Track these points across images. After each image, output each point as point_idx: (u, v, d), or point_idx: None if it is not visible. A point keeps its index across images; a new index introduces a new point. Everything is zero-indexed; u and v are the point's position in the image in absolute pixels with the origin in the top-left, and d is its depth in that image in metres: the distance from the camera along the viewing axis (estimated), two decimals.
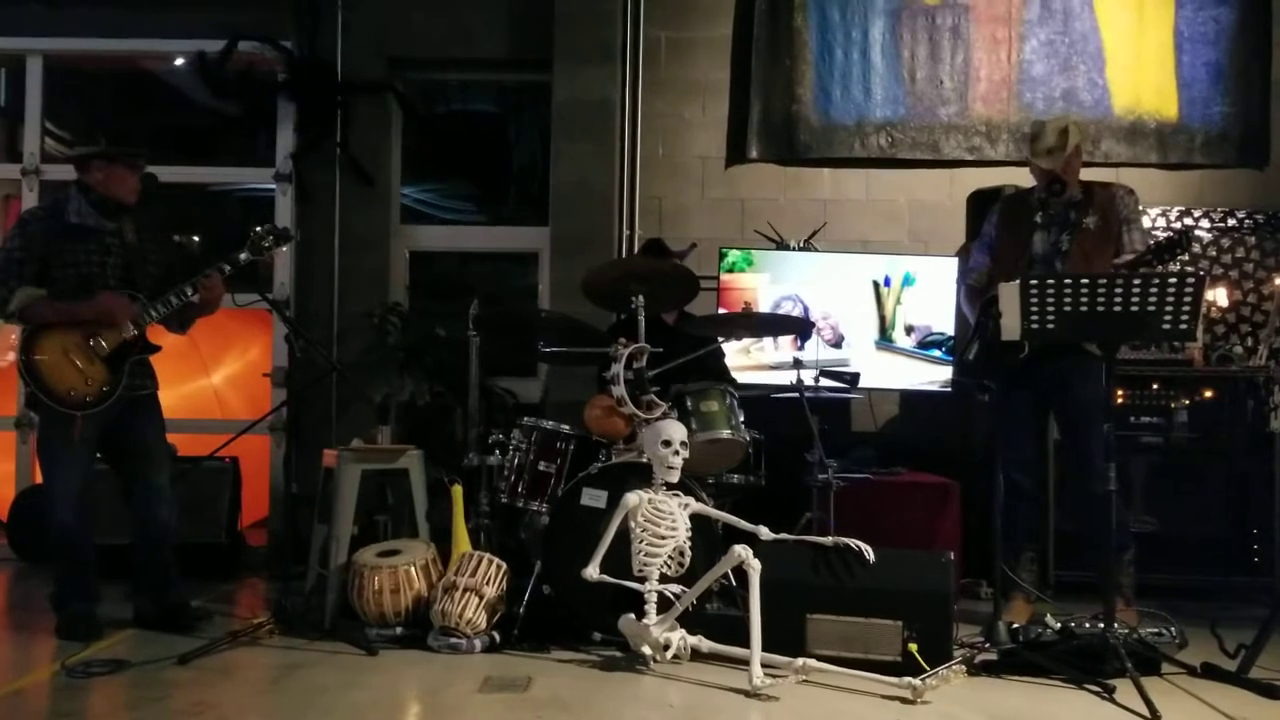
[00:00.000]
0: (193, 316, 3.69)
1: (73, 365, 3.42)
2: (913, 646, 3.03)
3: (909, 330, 4.74)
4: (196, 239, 5.27)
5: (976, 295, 3.85)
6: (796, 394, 3.90)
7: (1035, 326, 3.06)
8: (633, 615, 3.17)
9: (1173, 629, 3.36)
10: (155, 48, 5.55)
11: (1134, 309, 2.97)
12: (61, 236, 3.49)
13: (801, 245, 4.95)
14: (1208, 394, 4.38)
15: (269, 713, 2.76)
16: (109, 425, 3.54)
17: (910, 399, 5.09)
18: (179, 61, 5.51)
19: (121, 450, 3.64)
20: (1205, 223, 5.08)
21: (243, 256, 3.57)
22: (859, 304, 4.73)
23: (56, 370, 3.41)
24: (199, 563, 4.50)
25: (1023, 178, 4.49)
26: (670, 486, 3.28)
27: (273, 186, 5.38)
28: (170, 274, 3.66)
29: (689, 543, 3.22)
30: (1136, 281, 2.98)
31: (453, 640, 3.31)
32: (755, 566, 3.01)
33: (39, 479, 5.12)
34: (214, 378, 5.97)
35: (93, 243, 3.51)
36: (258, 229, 3.62)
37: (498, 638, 3.36)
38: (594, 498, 3.42)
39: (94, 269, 3.50)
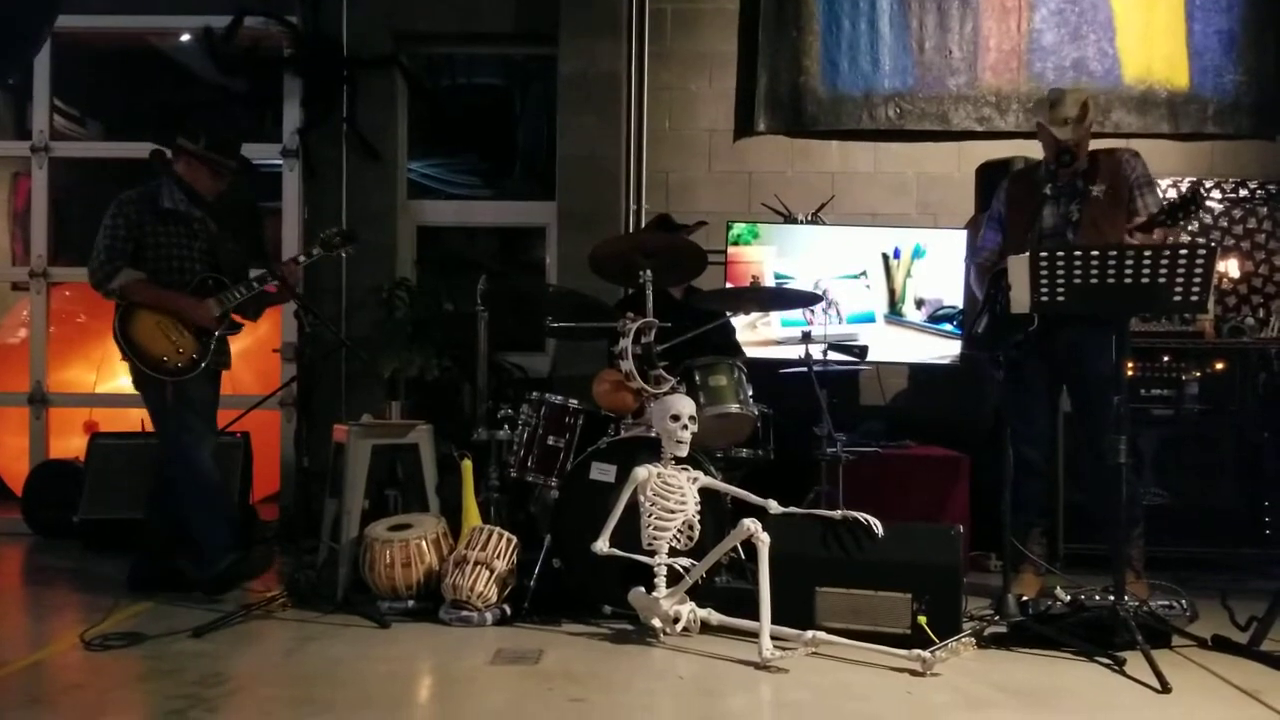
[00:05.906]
0: (265, 305, 4.01)
1: (165, 337, 3.67)
2: (922, 619, 3.04)
3: (919, 304, 4.71)
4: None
5: (984, 274, 3.77)
6: (805, 368, 3.90)
7: (1045, 299, 3.04)
8: (643, 588, 3.18)
9: (1183, 601, 3.36)
10: (162, 24, 5.53)
11: (1145, 281, 2.94)
12: (156, 220, 3.72)
13: (809, 218, 4.93)
14: (1219, 366, 4.37)
15: (283, 684, 2.78)
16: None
17: (919, 373, 5.09)
18: (185, 38, 5.49)
19: None
20: (1217, 193, 5.04)
21: (315, 252, 3.92)
22: (868, 276, 4.71)
23: (150, 340, 3.65)
24: None
25: (1032, 149, 4.45)
26: (679, 461, 3.28)
27: (279, 162, 5.37)
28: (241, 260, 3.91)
29: (698, 516, 3.23)
30: (1147, 253, 2.95)
31: (464, 613, 3.34)
32: (764, 540, 3.02)
33: (52, 456, 5.21)
34: None
35: (183, 227, 3.77)
36: (328, 230, 3.98)
37: (508, 611, 3.39)
38: (603, 472, 3.43)
39: (184, 251, 3.76)
